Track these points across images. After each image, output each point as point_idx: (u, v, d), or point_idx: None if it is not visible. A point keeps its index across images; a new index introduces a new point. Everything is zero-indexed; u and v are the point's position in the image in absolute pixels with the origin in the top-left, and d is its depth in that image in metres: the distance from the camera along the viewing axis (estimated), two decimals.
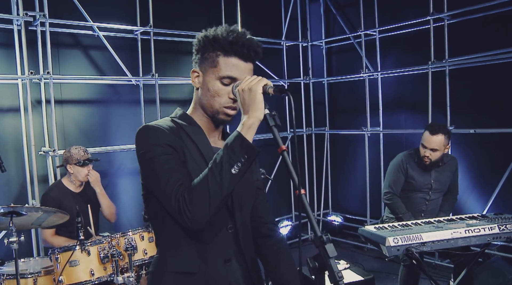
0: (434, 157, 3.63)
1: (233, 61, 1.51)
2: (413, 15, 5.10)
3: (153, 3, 4.80)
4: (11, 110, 4.19)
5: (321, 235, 1.26)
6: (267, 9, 6.32)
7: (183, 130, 1.55)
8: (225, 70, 1.51)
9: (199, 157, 1.53)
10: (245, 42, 1.50)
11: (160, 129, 1.50)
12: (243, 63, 1.52)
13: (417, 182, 3.78)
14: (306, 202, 1.34)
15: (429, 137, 3.61)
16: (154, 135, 1.48)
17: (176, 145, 1.48)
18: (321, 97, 6.46)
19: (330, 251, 1.25)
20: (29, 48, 4.14)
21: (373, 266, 5.06)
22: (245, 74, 1.51)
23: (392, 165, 3.89)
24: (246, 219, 1.67)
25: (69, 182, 3.70)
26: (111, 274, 3.01)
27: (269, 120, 1.43)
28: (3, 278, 3.00)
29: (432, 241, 2.95)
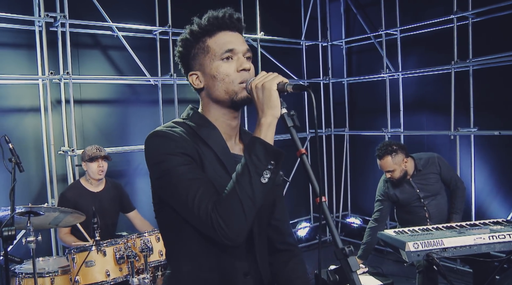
0: (396, 175, 3.73)
1: (221, 36, 1.43)
2: (435, 14, 4.98)
3: (172, 3, 4.80)
4: (32, 110, 4.25)
5: (343, 247, 1.18)
6: (287, 9, 6.27)
7: (197, 134, 1.41)
8: (219, 47, 1.41)
9: (218, 165, 1.39)
10: (221, 14, 1.43)
11: (172, 135, 1.34)
12: (231, 32, 1.44)
13: (404, 198, 3.82)
14: (327, 210, 1.23)
15: (379, 162, 3.79)
16: (166, 143, 1.33)
17: (192, 153, 1.34)
18: (341, 98, 6.38)
19: (352, 265, 1.16)
20: (50, 49, 4.19)
21: (392, 270, 4.96)
22: (239, 43, 1.42)
23: (377, 193, 3.98)
24: (263, 231, 1.53)
25: (86, 182, 3.73)
26: (127, 275, 3.01)
27: (287, 121, 1.32)
28: (22, 277, 3.04)
29: (454, 247, 2.86)
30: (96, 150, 3.66)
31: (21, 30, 4.19)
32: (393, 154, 3.68)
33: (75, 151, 4.10)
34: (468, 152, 4.77)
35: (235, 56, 1.42)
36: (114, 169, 4.61)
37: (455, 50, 4.71)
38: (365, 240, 3.90)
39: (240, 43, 1.42)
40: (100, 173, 3.67)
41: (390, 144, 3.76)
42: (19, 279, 3.04)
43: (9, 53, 4.17)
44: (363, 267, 3.84)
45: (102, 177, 3.72)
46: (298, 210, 6.32)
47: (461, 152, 4.80)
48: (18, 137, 4.14)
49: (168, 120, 1.52)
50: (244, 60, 1.42)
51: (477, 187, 4.75)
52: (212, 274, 1.41)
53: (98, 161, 3.65)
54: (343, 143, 6.35)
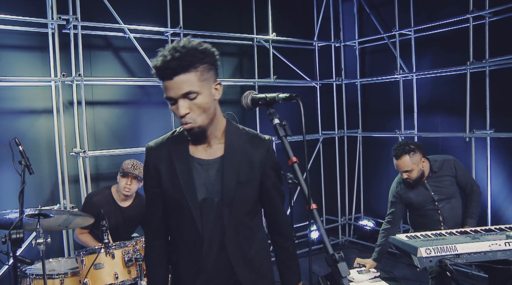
0: (413, 175, 3.63)
1: (164, 84, 1.60)
2: (450, 14, 4.88)
3: (183, 4, 4.80)
4: (45, 112, 4.28)
5: (333, 253, 1.20)
6: (299, 9, 6.23)
7: (169, 143, 1.77)
8: (165, 93, 1.62)
9: (170, 169, 1.74)
10: (159, 65, 1.56)
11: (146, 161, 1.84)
12: (169, 81, 1.57)
13: (418, 200, 3.72)
14: (317, 217, 1.34)
15: (396, 162, 3.67)
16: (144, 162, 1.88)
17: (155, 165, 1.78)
18: (354, 99, 6.31)
19: (342, 271, 1.22)
20: (62, 51, 4.22)
21: (405, 274, 4.88)
22: (177, 91, 1.57)
23: (389, 195, 3.89)
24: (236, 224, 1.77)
25: (115, 192, 3.68)
26: (135, 278, 3.01)
27: (279, 130, 1.42)
28: (32, 278, 3.06)
29: (467, 253, 2.80)
30: (132, 168, 3.55)
31: (35, 33, 4.24)
32: (411, 154, 3.58)
33: (86, 153, 4.13)
34: (484, 154, 4.67)
35: (175, 102, 1.61)
36: None
37: (471, 50, 4.61)
38: (379, 242, 3.81)
39: (175, 90, 1.57)
40: (126, 191, 3.56)
41: (407, 144, 3.66)
42: (30, 280, 3.06)
43: (23, 55, 4.22)
44: (374, 272, 3.78)
45: (128, 195, 3.62)
46: None
47: (476, 154, 4.70)
48: (31, 138, 4.19)
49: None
50: (180, 106, 1.59)
51: (493, 191, 4.65)
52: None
53: (129, 178, 3.55)
54: (356, 145, 6.28)
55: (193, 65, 1.55)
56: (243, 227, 1.77)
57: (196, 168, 1.71)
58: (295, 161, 1.36)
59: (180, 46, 1.57)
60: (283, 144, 1.40)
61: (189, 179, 1.70)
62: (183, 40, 1.61)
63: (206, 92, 1.60)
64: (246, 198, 1.75)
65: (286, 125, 1.45)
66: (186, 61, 1.54)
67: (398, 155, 3.62)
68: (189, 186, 1.70)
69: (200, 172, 1.71)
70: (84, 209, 3.53)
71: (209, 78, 1.62)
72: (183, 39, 1.62)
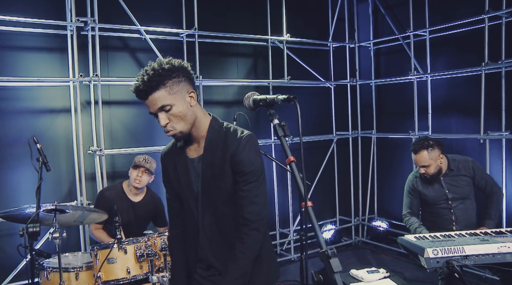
0: (429, 171, 3.65)
1: (146, 102, 1.84)
2: (466, 14, 4.85)
3: (198, 6, 4.87)
4: (63, 111, 4.42)
5: (326, 249, 1.25)
6: (314, 10, 6.25)
7: (174, 147, 2.05)
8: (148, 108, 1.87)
9: (173, 168, 2.02)
10: (134, 90, 1.82)
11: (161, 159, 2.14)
12: (146, 100, 1.83)
13: (431, 196, 3.73)
14: (312, 214, 1.37)
15: (414, 156, 3.70)
16: None
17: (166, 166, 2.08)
18: (368, 100, 6.31)
19: (334, 266, 1.26)
20: (80, 52, 4.34)
21: (417, 276, 4.86)
22: (154, 106, 1.81)
23: (405, 189, 3.89)
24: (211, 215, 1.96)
25: (127, 187, 3.81)
26: (147, 273, 3.09)
27: (278, 131, 1.50)
28: (49, 271, 3.17)
29: (475, 255, 2.80)
30: (143, 160, 3.71)
31: (54, 35, 4.37)
32: (430, 149, 3.60)
33: (103, 151, 4.24)
34: (499, 156, 4.63)
35: (156, 116, 1.85)
36: None
37: (486, 51, 4.57)
38: (412, 222, 3.70)
39: (152, 106, 1.82)
40: (137, 183, 3.69)
41: (426, 139, 3.68)
42: (47, 273, 3.17)
43: (43, 56, 4.36)
44: (384, 272, 3.79)
45: (139, 187, 3.74)
46: (324, 212, 6.30)
47: (491, 156, 4.65)
48: (50, 137, 4.32)
49: None
50: (160, 118, 1.83)
51: (509, 193, 4.60)
52: None
53: (140, 170, 3.69)
54: (370, 146, 6.27)
55: (161, 83, 1.79)
56: (222, 216, 1.95)
57: (190, 166, 1.98)
58: (293, 160, 1.44)
59: (150, 69, 1.81)
60: (281, 143, 1.47)
61: (186, 175, 1.97)
62: (154, 62, 1.83)
63: (179, 103, 1.82)
64: (220, 189, 1.92)
65: (285, 125, 1.52)
66: (153, 81, 1.78)
67: (416, 149, 3.65)
68: (186, 181, 1.97)
69: (192, 169, 1.98)
70: (97, 204, 3.65)
71: (180, 89, 1.84)
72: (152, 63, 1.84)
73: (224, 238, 1.95)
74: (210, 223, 1.96)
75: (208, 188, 1.93)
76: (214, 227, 1.96)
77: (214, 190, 1.92)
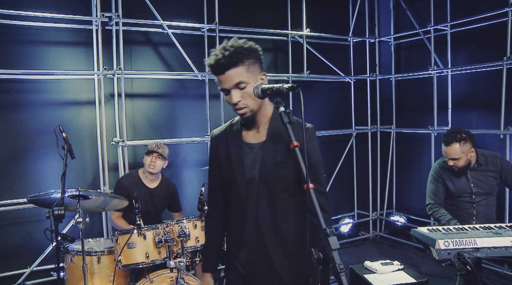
0: (459, 164, 3.58)
1: (218, 78, 1.88)
2: (488, 8, 4.79)
3: (220, 1, 4.96)
4: (88, 103, 4.59)
5: (325, 227, 1.31)
6: (334, 5, 6.26)
7: (227, 130, 2.06)
8: (219, 86, 1.90)
9: (226, 151, 2.01)
10: (213, 63, 1.84)
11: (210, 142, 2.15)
12: (222, 75, 1.85)
13: (456, 189, 3.68)
14: (314, 196, 1.43)
15: (445, 148, 3.60)
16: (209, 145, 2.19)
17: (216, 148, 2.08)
18: (388, 95, 6.30)
19: (333, 244, 1.32)
20: (105, 46, 4.49)
21: (434, 270, 4.87)
22: (229, 82, 1.84)
23: (429, 176, 3.83)
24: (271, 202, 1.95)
25: (142, 174, 3.98)
26: (165, 258, 3.21)
27: (283, 118, 1.57)
28: (73, 254, 3.34)
29: (487, 247, 2.80)
30: (155, 146, 3.89)
31: (80, 30, 4.54)
32: (462, 142, 3.52)
33: (125, 142, 4.39)
34: None
35: (228, 92, 1.88)
36: None
37: (508, 45, 4.52)
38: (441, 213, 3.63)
39: (227, 82, 1.85)
40: (151, 168, 3.87)
41: (459, 132, 3.58)
42: (71, 256, 3.34)
43: (69, 50, 4.52)
44: (398, 264, 3.82)
45: (154, 172, 3.90)
46: (341, 206, 6.33)
47: (511, 151, 4.61)
48: (75, 128, 4.50)
49: (214, 113, 2.16)
50: (233, 95, 1.86)
51: None
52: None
53: (153, 155, 3.87)
54: (389, 140, 6.27)
55: (240, 61, 1.83)
56: (278, 203, 1.95)
57: (245, 151, 1.98)
58: (296, 145, 1.53)
59: (229, 45, 1.84)
60: (286, 129, 1.56)
61: (239, 160, 1.97)
62: (231, 40, 1.87)
63: (253, 82, 1.85)
64: (281, 177, 1.92)
65: (290, 113, 1.60)
66: (234, 57, 1.81)
67: (448, 142, 3.56)
68: (239, 166, 1.97)
69: (248, 154, 1.98)
70: (116, 192, 3.82)
71: (255, 70, 1.88)
72: (231, 39, 1.88)
73: (275, 226, 1.95)
74: (264, 210, 1.95)
75: (268, 175, 1.93)
76: (267, 214, 1.95)
77: (274, 177, 1.92)
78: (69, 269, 3.36)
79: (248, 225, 1.97)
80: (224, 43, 1.87)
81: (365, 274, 3.70)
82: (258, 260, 1.97)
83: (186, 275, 3.21)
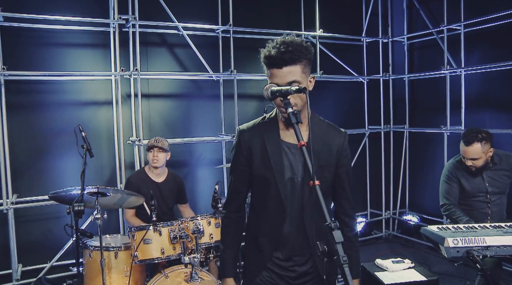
0: (477, 164, 3.55)
1: (271, 72, 1.85)
2: (502, 7, 4.78)
3: (233, 3, 5.03)
4: (106, 103, 4.72)
5: (329, 222, 1.38)
6: (347, 5, 6.29)
7: (261, 127, 1.99)
8: (270, 79, 1.86)
9: (262, 150, 1.95)
10: (274, 55, 1.80)
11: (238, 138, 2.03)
12: (277, 70, 1.82)
13: (471, 188, 3.66)
14: (319, 193, 1.49)
15: (465, 148, 3.55)
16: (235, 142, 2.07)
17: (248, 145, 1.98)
18: (401, 94, 6.31)
19: (336, 237, 1.38)
20: (122, 48, 4.62)
21: (446, 270, 4.87)
22: (284, 79, 1.81)
23: (443, 176, 3.80)
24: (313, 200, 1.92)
25: (149, 170, 4.10)
26: (179, 254, 3.31)
27: (291, 118, 1.63)
28: (92, 249, 3.47)
29: (497, 246, 2.82)
30: (154, 141, 4.01)
31: (98, 32, 4.68)
32: (483, 142, 3.50)
33: (141, 141, 4.50)
34: None
35: None
36: (177, 159, 4.99)
37: None
38: (457, 214, 3.60)
39: (282, 78, 1.82)
40: (155, 162, 4.00)
41: (479, 132, 3.55)
42: (89, 251, 3.47)
43: (87, 52, 4.67)
44: (409, 262, 3.86)
45: (158, 166, 4.03)
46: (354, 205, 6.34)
47: None
48: (93, 127, 4.64)
49: (228, 113, 2.15)
50: None
51: None
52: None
53: (154, 151, 3.99)
54: (402, 140, 6.28)
55: (300, 59, 1.81)
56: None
57: (285, 151, 1.94)
58: (303, 144, 1.57)
59: (290, 41, 1.82)
60: (294, 129, 1.61)
61: (279, 159, 1.93)
62: (290, 37, 1.85)
63: (305, 83, 1.84)
64: (324, 180, 1.91)
65: (298, 114, 1.65)
66: (296, 55, 1.79)
67: (470, 141, 3.52)
68: (278, 165, 1.93)
69: (288, 154, 1.94)
70: None
71: (308, 71, 1.88)
72: (288, 36, 1.85)
73: (318, 228, 1.87)
74: (310, 213, 1.93)
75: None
76: (312, 217, 1.93)
77: (318, 180, 1.87)
78: (88, 264, 3.49)
79: (287, 225, 1.95)
80: (282, 37, 1.84)
81: (376, 272, 3.75)
82: (300, 260, 1.99)
83: (200, 270, 3.30)
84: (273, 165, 1.92)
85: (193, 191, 4.90)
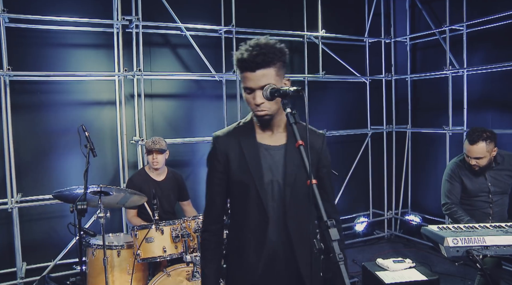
0: (481, 163, 3.54)
1: (244, 75, 1.81)
2: (505, 7, 4.78)
3: (236, 4, 5.06)
4: (109, 103, 4.76)
5: (326, 220, 1.40)
6: (350, 6, 6.31)
7: (236, 132, 1.95)
8: (243, 83, 1.83)
9: (239, 154, 1.91)
10: (246, 57, 1.75)
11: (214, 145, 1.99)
12: (251, 73, 1.78)
13: (473, 188, 3.66)
14: (317, 192, 1.50)
15: (470, 147, 3.54)
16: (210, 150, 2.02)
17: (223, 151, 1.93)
18: (403, 95, 6.32)
19: (333, 235, 1.40)
20: (125, 48, 4.66)
21: (448, 270, 4.89)
22: (257, 82, 1.78)
23: (445, 175, 3.79)
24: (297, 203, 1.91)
25: (149, 170, 4.13)
26: (181, 252, 3.34)
27: (290, 118, 1.63)
28: (95, 248, 3.50)
29: (496, 246, 2.84)
30: (152, 143, 3.99)
31: (102, 33, 4.72)
32: (488, 141, 3.49)
33: (144, 141, 4.53)
34: None
35: (252, 91, 1.82)
36: (180, 159, 5.03)
37: None
38: (459, 214, 3.60)
39: (255, 82, 1.78)
40: (155, 164, 4.00)
41: (484, 131, 3.54)
42: (92, 250, 3.51)
43: (91, 53, 4.71)
44: (410, 262, 3.87)
45: (158, 168, 4.04)
46: (356, 205, 6.38)
47: None
48: (97, 127, 4.68)
49: (231, 113, 2.07)
50: (257, 96, 1.80)
51: None
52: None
53: (153, 153, 4.00)
54: (404, 140, 6.29)
55: (273, 62, 1.77)
56: (302, 208, 1.89)
57: (263, 153, 1.89)
58: (301, 143, 1.58)
59: (263, 43, 1.78)
60: (292, 129, 1.62)
61: (257, 162, 1.87)
62: (263, 38, 1.81)
63: (279, 86, 1.78)
64: (305, 181, 1.86)
65: (296, 114, 1.64)
66: (269, 57, 1.75)
67: (475, 140, 3.50)
68: (257, 169, 1.87)
69: (266, 157, 1.89)
70: None
71: (282, 74, 1.84)
72: (262, 38, 1.81)
73: (302, 229, 1.89)
74: (292, 215, 1.88)
75: (293, 179, 1.88)
76: (295, 219, 1.89)
77: (298, 181, 1.88)
78: (91, 263, 3.53)
79: (271, 230, 1.88)
80: (255, 40, 1.79)
81: (376, 271, 3.77)
82: (282, 263, 1.92)
83: None
84: (251, 169, 1.87)
85: (196, 190, 4.92)
